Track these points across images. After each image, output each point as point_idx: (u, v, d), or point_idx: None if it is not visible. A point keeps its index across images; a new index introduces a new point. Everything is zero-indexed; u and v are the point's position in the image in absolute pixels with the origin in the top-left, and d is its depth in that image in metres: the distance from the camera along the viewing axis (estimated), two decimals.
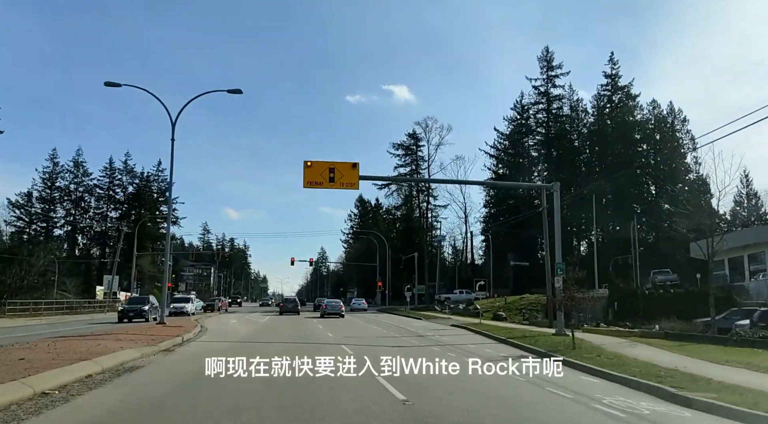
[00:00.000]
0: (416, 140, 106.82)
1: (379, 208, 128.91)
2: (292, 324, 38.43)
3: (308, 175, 25.75)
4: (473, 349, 21.05)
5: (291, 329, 33.72)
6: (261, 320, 42.16)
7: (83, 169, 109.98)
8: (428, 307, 62.83)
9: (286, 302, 54.68)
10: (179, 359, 16.27)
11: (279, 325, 36.62)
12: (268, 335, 28.11)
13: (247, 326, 34.25)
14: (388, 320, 44.02)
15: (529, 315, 42.92)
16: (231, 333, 28.08)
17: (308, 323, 38.86)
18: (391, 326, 35.92)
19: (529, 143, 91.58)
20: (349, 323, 39.89)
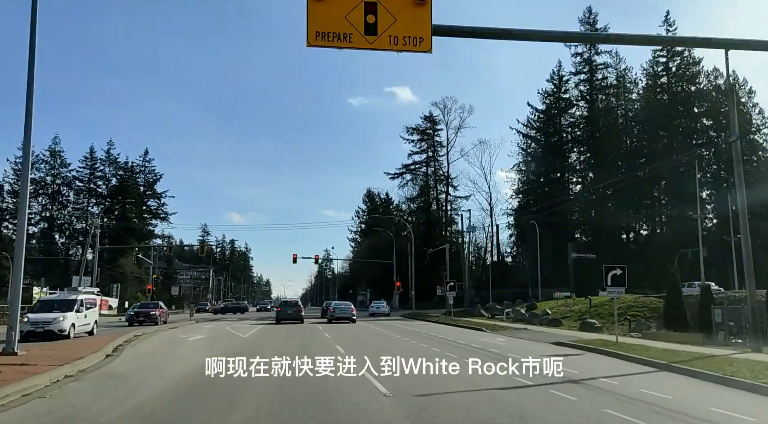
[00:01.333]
0: (433, 123, 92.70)
1: (389, 203, 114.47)
2: (287, 337, 23.97)
3: (317, 18, 11.32)
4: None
5: (285, 344, 19.23)
6: (244, 333, 27.53)
7: (60, 159, 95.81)
8: (468, 311, 48.39)
9: (284, 306, 40.29)
10: None
11: (266, 341, 22.13)
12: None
13: (212, 346, 19.67)
14: (431, 330, 29.72)
15: (637, 324, 28.53)
16: (146, 379, 13.09)
17: (312, 335, 24.38)
18: (447, 342, 21.71)
19: (567, 120, 77.16)
20: (373, 334, 25.61)
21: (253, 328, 31.35)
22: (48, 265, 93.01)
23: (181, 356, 16.36)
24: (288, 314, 37.18)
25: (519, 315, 36.14)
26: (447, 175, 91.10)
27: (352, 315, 41.79)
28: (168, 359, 16.09)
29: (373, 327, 32.70)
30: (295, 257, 70.93)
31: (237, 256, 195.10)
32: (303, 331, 28.58)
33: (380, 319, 45.40)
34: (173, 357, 16.44)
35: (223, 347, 18.71)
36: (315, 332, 26.49)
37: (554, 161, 76.44)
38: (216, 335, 24.44)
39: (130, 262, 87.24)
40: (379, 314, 50.38)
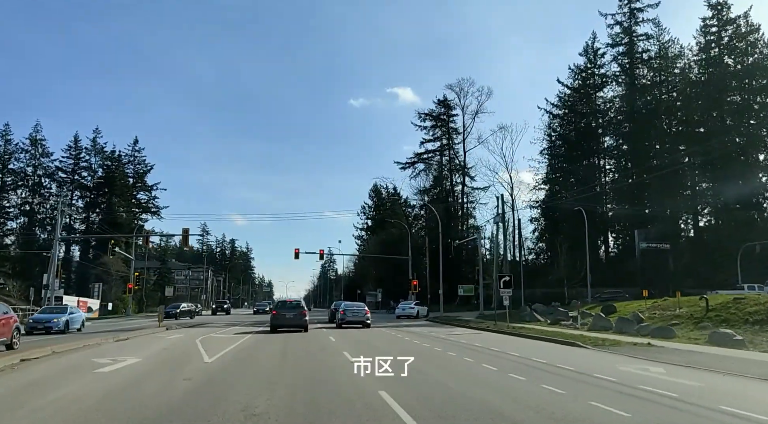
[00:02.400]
0: (448, 108, 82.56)
1: (397, 197, 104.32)
2: (281, 361, 13.71)
3: None
4: None
5: (275, 388, 8.87)
6: (215, 351, 17.12)
7: (42, 148, 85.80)
8: (520, 316, 37.95)
9: (282, 307, 28.51)
10: None
11: (240, 373, 11.72)
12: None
13: (107, 402, 9.25)
14: (500, 345, 19.73)
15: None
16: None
17: (326, 358, 14.04)
18: (579, 379, 11.51)
19: (602, 98, 67.05)
20: (428, 357, 15.32)
21: (235, 341, 21.13)
22: (27, 263, 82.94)
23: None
24: (287, 318, 26.85)
25: (601, 321, 25.94)
26: (463, 164, 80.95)
27: (367, 319, 32.15)
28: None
29: (409, 339, 22.52)
30: (297, 251, 60.85)
31: (238, 256, 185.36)
32: (308, 346, 18.51)
33: (408, 324, 35.19)
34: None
35: (136, 401, 8.45)
36: (329, 351, 16.45)
37: (587, 145, 66.42)
38: (159, 361, 14.06)
39: (115, 259, 77.06)
40: (406, 316, 41.47)
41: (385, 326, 34.40)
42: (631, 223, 63.90)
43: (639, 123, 62.69)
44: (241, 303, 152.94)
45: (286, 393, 8.96)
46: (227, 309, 66.82)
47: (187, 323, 37.85)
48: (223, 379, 10.80)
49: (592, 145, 66.23)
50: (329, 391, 9.29)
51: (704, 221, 60.85)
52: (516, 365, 13.26)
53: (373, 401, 8.01)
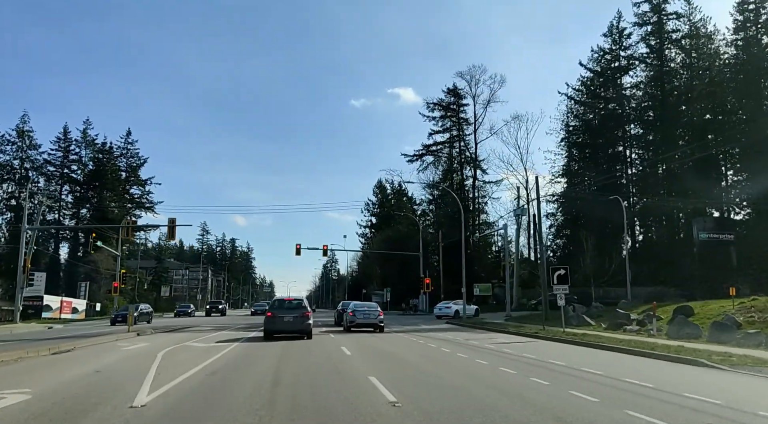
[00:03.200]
0: (458, 97, 76.55)
1: (402, 193, 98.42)
2: (268, 412, 7.64)
3: None
4: None
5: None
6: (169, 378, 10.98)
7: (30, 140, 79.66)
8: (545, 316, 32.00)
9: (279, 307, 21.88)
10: None
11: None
12: None
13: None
14: (586, 363, 13.44)
15: None
16: None
17: (347, 402, 7.97)
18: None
19: (628, 83, 61.09)
20: (500, 393, 9.21)
21: (211, 355, 15.09)
22: (14, 260, 76.78)
23: None
24: (285, 322, 20.69)
25: (685, 327, 19.88)
26: (475, 156, 74.95)
27: (380, 321, 26.53)
28: None
29: (450, 350, 16.57)
30: (298, 247, 54.95)
31: (238, 256, 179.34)
32: (315, 366, 12.50)
33: (429, 329, 29.21)
34: None
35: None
36: (348, 376, 10.51)
37: (611, 133, 60.40)
38: (55, 401, 7.89)
39: (105, 257, 70.94)
40: (446, 316, 38.27)
41: (402, 329, 28.42)
42: (661, 215, 58.08)
43: (668, 109, 56.74)
44: (240, 304, 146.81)
45: None
46: (222, 310, 60.70)
47: (169, 327, 31.81)
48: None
49: (616, 133, 60.26)
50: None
51: (743, 214, 54.77)
52: (670, 409, 7.24)
53: None
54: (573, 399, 7.90)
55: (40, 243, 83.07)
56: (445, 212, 75.91)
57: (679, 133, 57.21)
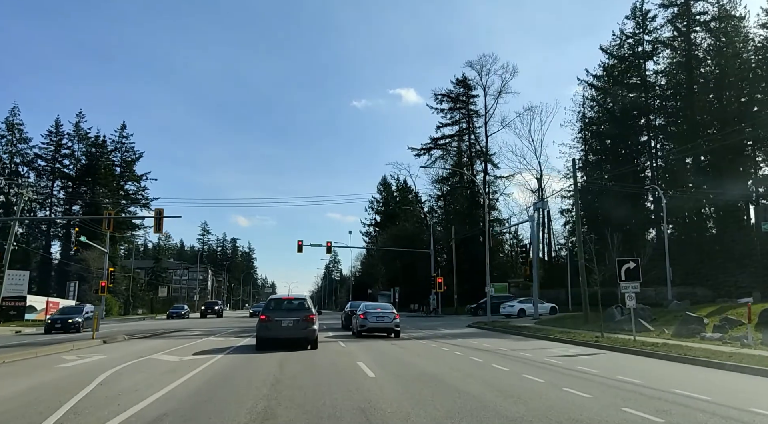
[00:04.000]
0: (467, 88, 71.97)
1: (407, 190, 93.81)
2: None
3: None
4: None
5: None
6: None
7: (20, 133, 75.22)
8: (585, 317, 27.44)
9: (275, 309, 16.52)
10: None
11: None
12: None
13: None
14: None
15: None
16: None
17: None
18: None
19: (652, 69, 56.41)
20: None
21: (174, 378, 10.44)
22: None
23: None
24: (283, 328, 15.88)
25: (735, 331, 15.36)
26: (485, 150, 70.36)
27: (396, 325, 22.16)
28: None
29: (509, 369, 12.01)
30: (300, 244, 50.32)
31: (239, 256, 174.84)
32: (327, 405, 7.69)
33: (452, 334, 24.54)
34: None
35: None
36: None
37: (634, 123, 55.75)
38: None
39: (96, 255, 66.34)
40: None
41: (422, 334, 23.84)
42: (690, 209, 53.35)
43: (696, 96, 52.08)
44: (241, 305, 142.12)
45: None
46: (219, 311, 55.96)
47: (151, 331, 27.21)
48: None
49: (639, 122, 55.63)
50: None
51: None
52: None
53: None
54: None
55: (30, 241, 78.70)
56: (454, 208, 71.28)
57: (707, 121, 52.64)
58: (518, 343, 19.24)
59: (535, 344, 18.45)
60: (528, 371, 11.32)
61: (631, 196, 53.49)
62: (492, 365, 12.24)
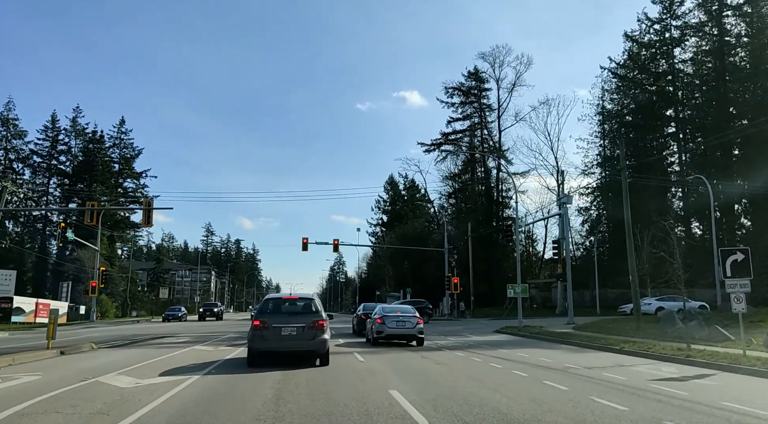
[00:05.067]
0: (480, 81, 67.91)
1: (415, 188, 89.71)
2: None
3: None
4: None
5: None
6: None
7: (15, 128, 71.36)
8: (638, 323, 23.03)
9: (275, 311, 12.36)
10: None
11: None
12: None
13: None
14: None
15: None
16: None
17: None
18: None
19: (679, 57, 52.21)
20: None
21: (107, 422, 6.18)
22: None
23: None
24: (284, 337, 11.83)
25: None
26: (498, 145, 66.21)
27: (419, 332, 18.45)
28: None
29: (628, 408, 7.55)
30: (305, 241, 46.15)
31: (244, 258, 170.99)
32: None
33: (486, 343, 20.26)
34: None
35: None
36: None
37: (660, 114, 51.59)
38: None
39: (91, 254, 62.37)
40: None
41: (447, 341, 19.64)
42: (723, 205, 49.10)
43: (728, 85, 47.93)
44: (244, 307, 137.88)
45: None
46: (218, 314, 51.71)
47: (132, 337, 23.10)
48: None
49: (667, 113, 51.44)
50: None
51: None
52: None
53: None
54: None
55: (26, 241, 74.78)
56: (466, 206, 67.05)
57: (740, 112, 48.47)
58: (578, 355, 15.05)
59: (604, 358, 14.25)
60: (664, 413, 7.14)
61: (655, 191, 49.37)
62: (593, 399, 8.05)
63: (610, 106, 56.53)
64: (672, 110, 51.33)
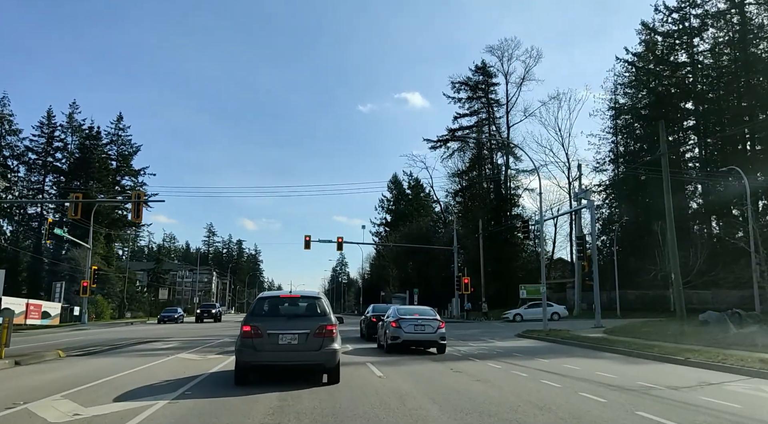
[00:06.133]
0: (487, 76, 65.26)
1: (420, 187, 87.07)
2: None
3: None
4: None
5: None
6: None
7: (9, 125, 68.68)
8: (682, 328, 20.22)
9: (269, 315, 9.51)
10: None
11: None
12: None
13: None
14: None
15: None
16: None
17: None
18: None
19: (701, 46, 49.48)
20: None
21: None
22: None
23: None
24: (281, 347, 9.07)
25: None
26: (507, 142, 63.45)
27: (441, 338, 15.78)
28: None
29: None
30: (307, 239, 43.43)
31: (246, 259, 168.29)
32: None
33: (530, 350, 17.39)
34: None
35: None
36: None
37: (678, 107, 48.83)
38: None
39: (85, 254, 59.69)
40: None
41: (475, 351, 16.84)
42: None
43: (751, 76, 45.20)
44: (246, 307, 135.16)
45: None
46: (216, 315, 48.80)
47: (112, 341, 20.38)
48: None
49: (686, 105, 48.72)
50: None
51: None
52: None
53: None
54: None
55: (21, 240, 72.09)
56: (473, 204, 64.25)
57: (764, 104, 45.72)
58: (640, 368, 12.29)
59: (676, 373, 11.49)
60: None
61: (677, 188, 46.60)
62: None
63: (624, 100, 53.83)
64: (691, 103, 48.56)
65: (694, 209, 48.37)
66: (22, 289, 65.26)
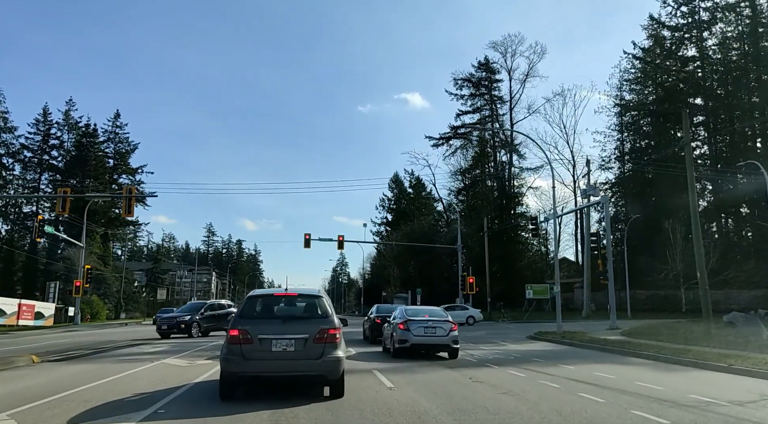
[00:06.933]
0: (491, 72, 63.81)
1: (421, 186, 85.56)
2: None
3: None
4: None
5: None
6: None
7: (5, 122, 67.24)
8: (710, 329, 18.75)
9: (261, 318, 8.00)
10: None
11: None
12: None
13: None
14: None
15: None
16: None
17: None
18: None
19: (713, 39, 48.04)
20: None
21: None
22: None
23: None
24: (275, 355, 7.60)
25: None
26: (510, 139, 62.02)
27: (453, 341, 14.30)
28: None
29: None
30: (307, 237, 41.96)
31: (245, 258, 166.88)
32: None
33: (550, 354, 15.91)
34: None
35: None
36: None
37: (687, 101, 47.37)
38: None
39: (79, 253, 58.15)
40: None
41: (489, 356, 15.33)
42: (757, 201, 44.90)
43: (762, 70, 43.79)
44: None
45: None
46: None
47: (95, 345, 18.91)
48: None
49: (695, 101, 47.29)
50: None
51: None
52: None
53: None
54: None
55: (17, 240, 70.61)
56: (476, 202, 62.81)
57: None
58: (678, 376, 10.83)
59: (724, 382, 10.02)
60: None
61: (681, 186, 45.17)
62: None
63: (630, 97, 52.42)
64: (701, 98, 47.13)
65: (704, 207, 46.90)
66: (17, 289, 63.81)
